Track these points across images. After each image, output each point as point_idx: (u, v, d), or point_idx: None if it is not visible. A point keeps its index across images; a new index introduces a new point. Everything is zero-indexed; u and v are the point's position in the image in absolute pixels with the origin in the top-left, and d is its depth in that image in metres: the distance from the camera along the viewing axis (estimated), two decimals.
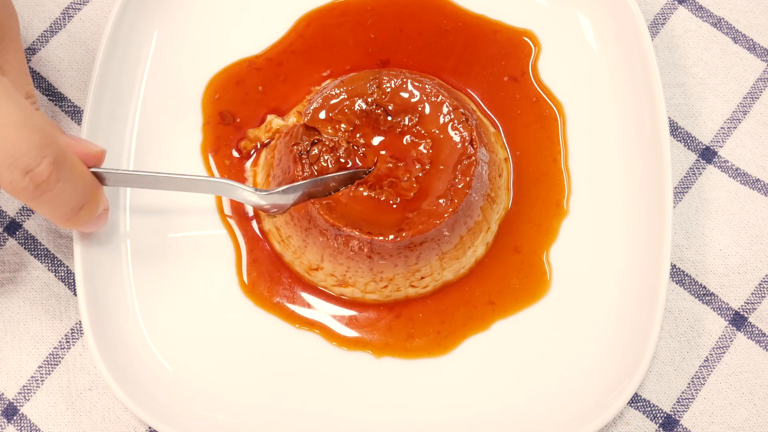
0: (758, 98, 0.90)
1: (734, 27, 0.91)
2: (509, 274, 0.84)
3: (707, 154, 0.89)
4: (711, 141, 0.89)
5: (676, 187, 0.88)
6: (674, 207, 0.87)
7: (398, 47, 0.88)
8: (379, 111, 0.83)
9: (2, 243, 0.85)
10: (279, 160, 0.82)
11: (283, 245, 0.83)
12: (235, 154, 0.86)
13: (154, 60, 0.87)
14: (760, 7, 0.92)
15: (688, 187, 0.88)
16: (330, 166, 0.80)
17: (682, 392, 0.84)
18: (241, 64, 0.87)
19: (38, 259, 0.85)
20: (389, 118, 0.83)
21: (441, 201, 0.80)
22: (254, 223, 0.85)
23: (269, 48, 0.88)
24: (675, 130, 0.89)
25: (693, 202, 0.87)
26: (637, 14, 0.85)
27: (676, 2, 0.92)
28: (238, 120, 0.86)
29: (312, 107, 0.82)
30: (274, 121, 0.86)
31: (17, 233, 0.85)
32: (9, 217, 0.86)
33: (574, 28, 0.89)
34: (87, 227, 0.78)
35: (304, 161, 0.80)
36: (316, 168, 0.80)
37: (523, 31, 0.89)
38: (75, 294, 0.84)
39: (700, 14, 0.91)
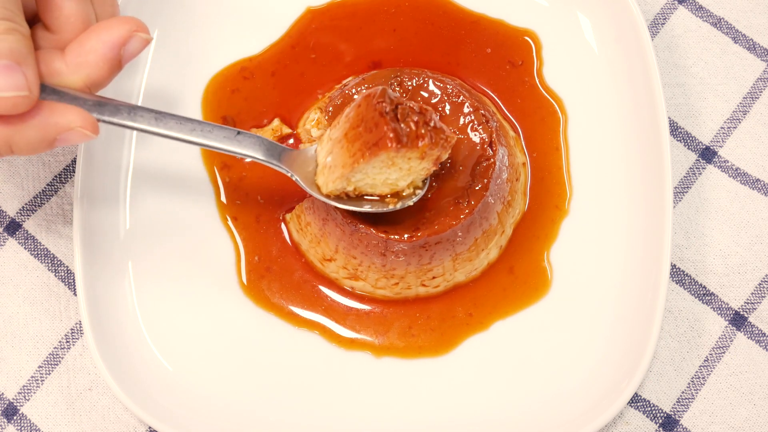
0: (758, 98, 0.90)
1: (734, 27, 0.91)
2: (509, 273, 0.84)
3: (707, 154, 0.89)
4: (711, 141, 0.89)
5: (676, 187, 0.88)
6: (674, 207, 0.87)
7: (396, 47, 0.88)
8: None
9: (2, 243, 0.85)
10: (361, 120, 0.74)
11: (302, 233, 0.83)
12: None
13: (154, 60, 0.87)
14: (760, 7, 0.92)
15: (688, 187, 0.88)
16: (414, 128, 0.73)
17: (682, 392, 0.84)
18: (240, 65, 0.87)
19: (38, 259, 0.85)
20: None
21: (458, 202, 0.80)
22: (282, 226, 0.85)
23: (269, 48, 0.88)
24: (675, 130, 0.89)
25: (693, 202, 0.87)
26: (637, 14, 0.85)
27: (676, 2, 0.92)
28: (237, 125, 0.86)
29: (333, 104, 0.82)
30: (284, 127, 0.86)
31: (17, 233, 0.85)
32: (9, 217, 0.86)
33: (574, 28, 0.88)
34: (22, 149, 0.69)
35: (390, 117, 0.72)
36: (404, 126, 0.73)
37: (524, 30, 0.89)
38: (75, 294, 0.84)
39: (700, 14, 0.91)
